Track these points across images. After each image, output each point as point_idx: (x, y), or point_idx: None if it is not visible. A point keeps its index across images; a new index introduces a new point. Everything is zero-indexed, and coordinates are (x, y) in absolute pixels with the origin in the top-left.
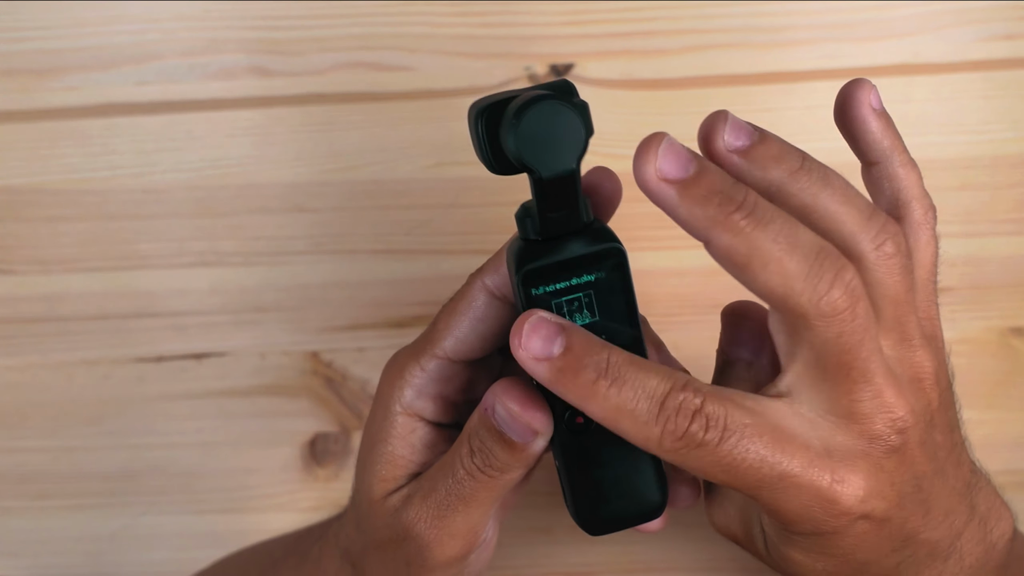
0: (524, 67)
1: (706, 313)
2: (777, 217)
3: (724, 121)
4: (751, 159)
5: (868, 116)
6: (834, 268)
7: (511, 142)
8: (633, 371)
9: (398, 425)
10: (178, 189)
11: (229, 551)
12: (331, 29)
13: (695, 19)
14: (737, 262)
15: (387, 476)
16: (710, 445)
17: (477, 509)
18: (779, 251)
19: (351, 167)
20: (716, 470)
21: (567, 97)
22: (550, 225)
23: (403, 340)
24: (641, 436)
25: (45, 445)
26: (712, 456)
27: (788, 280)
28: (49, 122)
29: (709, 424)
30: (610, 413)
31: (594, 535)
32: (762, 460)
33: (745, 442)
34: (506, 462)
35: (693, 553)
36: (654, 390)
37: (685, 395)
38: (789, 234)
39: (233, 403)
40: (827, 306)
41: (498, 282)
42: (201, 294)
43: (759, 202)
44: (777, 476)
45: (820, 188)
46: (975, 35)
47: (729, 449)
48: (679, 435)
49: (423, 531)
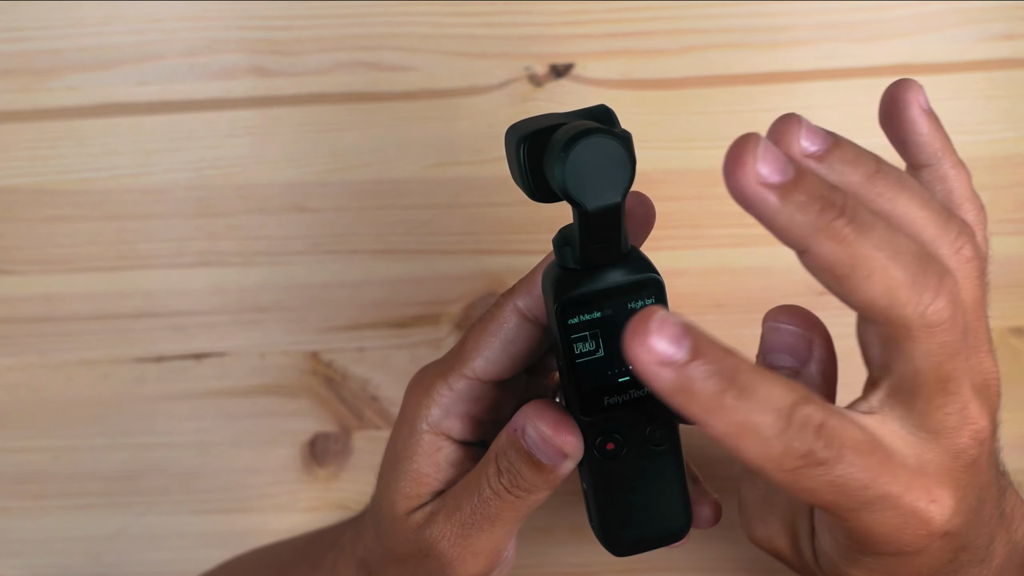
0: (524, 67)
1: (706, 313)
2: (878, 222)
3: (799, 124)
4: (828, 164)
5: (918, 118)
6: (937, 275)
7: (558, 175)
8: (759, 379)
9: (424, 443)
10: (178, 189)
11: (229, 551)
12: (331, 29)
13: (695, 19)
14: (839, 272)
15: (411, 493)
16: (827, 464)
17: (501, 528)
18: (883, 259)
19: (351, 167)
20: (826, 490)
21: (609, 125)
22: (591, 255)
23: (403, 340)
24: (761, 455)
25: (45, 445)
26: (826, 476)
27: (893, 290)
28: (49, 122)
29: (830, 441)
30: (733, 429)
31: (619, 556)
32: (872, 480)
33: (860, 461)
34: (533, 483)
35: (693, 553)
36: (780, 401)
37: (810, 409)
38: (891, 240)
39: (233, 403)
40: (933, 315)
41: (530, 304)
42: (201, 294)
43: (859, 207)
44: (880, 497)
45: (898, 192)
46: (975, 35)
47: (843, 469)
48: (801, 453)
49: (446, 549)
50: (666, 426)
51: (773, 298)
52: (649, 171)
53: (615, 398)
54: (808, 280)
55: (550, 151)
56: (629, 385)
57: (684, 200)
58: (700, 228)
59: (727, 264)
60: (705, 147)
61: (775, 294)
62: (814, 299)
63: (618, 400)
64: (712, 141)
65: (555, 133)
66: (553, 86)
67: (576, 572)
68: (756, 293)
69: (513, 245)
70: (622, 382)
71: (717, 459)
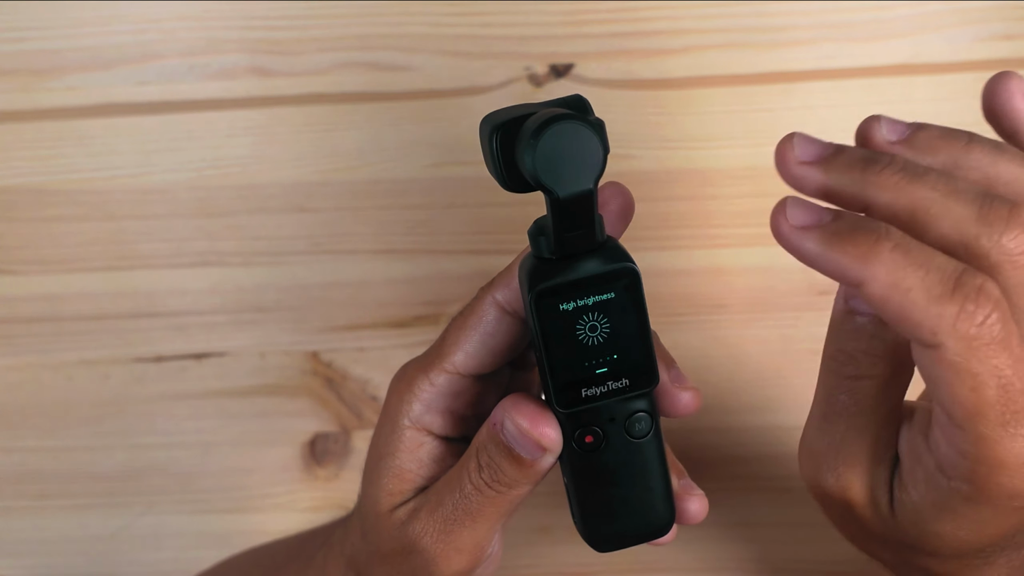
0: (524, 67)
1: (707, 313)
2: (931, 169)
3: (879, 120)
4: (915, 146)
5: (1023, 106)
6: (1006, 206)
7: (528, 162)
8: (917, 245)
9: (406, 439)
10: (178, 189)
11: (229, 551)
12: (331, 29)
13: (695, 19)
14: (902, 217)
15: (394, 490)
16: (1005, 344)
17: (484, 524)
18: (943, 197)
19: (351, 167)
20: (991, 380)
21: (582, 114)
22: (565, 244)
23: (403, 340)
24: (932, 314)
25: (45, 445)
26: (999, 359)
27: (960, 224)
28: (49, 122)
29: (1006, 321)
30: (896, 279)
31: (601, 552)
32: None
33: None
34: (514, 478)
35: (693, 553)
36: (945, 263)
37: (984, 280)
38: (948, 181)
39: (233, 403)
40: (1014, 242)
41: (509, 297)
42: (201, 294)
43: (907, 159)
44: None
45: (997, 156)
46: (975, 35)
47: (1019, 357)
48: (979, 321)
49: (429, 545)
50: (647, 418)
51: (773, 298)
52: (649, 171)
53: (593, 389)
54: (808, 280)
55: (520, 138)
56: (608, 376)
57: (684, 200)
58: (700, 228)
59: (727, 264)
60: (705, 147)
61: (775, 294)
62: (814, 299)
63: (596, 391)
64: (712, 141)
65: (526, 121)
66: (553, 86)
67: (575, 572)
68: (756, 293)
69: (513, 245)
70: (600, 373)
71: (706, 455)
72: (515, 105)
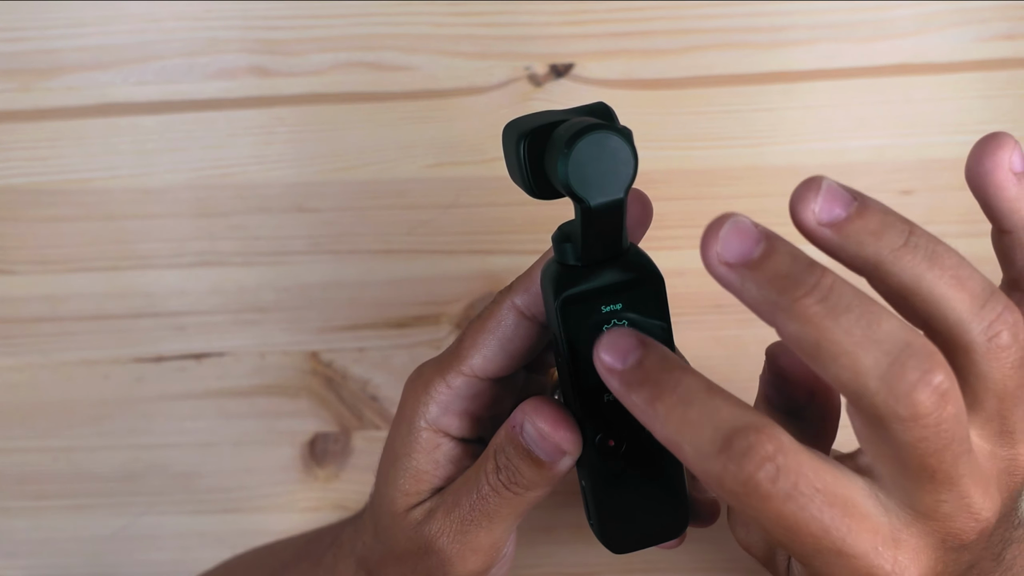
0: (524, 67)
1: (706, 313)
2: (856, 305)
3: (816, 190)
4: (844, 235)
5: (1006, 181)
6: (919, 368)
7: (561, 171)
8: (705, 396)
9: (422, 440)
10: (178, 189)
11: (229, 551)
12: (331, 29)
13: (695, 19)
14: (805, 352)
15: (410, 490)
16: (775, 499)
17: (500, 525)
18: (852, 344)
19: (351, 167)
20: (775, 526)
21: (609, 122)
22: (592, 252)
23: (403, 340)
24: (698, 469)
25: (45, 445)
26: (775, 511)
27: (860, 377)
28: (49, 122)
29: (780, 476)
30: (671, 434)
31: (617, 553)
32: (825, 531)
33: (813, 507)
34: (532, 480)
35: (693, 553)
36: (723, 422)
37: (758, 438)
38: (868, 325)
39: (233, 403)
40: (906, 410)
41: (528, 302)
42: (201, 294)
43: (836, 286)
44: (836, 551)
45: (926, 268)
46: (975, 35)
47: (794, 510)
48: (743, 479)
49: (445, 545)
50: None
51: None
52: (649, 171)
53: (614, 395)
54: None
55: (552, 147)
56: None
57: (684, 200)
58: (700, 228)
59: None
60: (705, 147)
61: None
62: None
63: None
64: (712, 141)
65: (557, 129)
66: (553, 86)
67: (576, 572)
68: None
69: (513, 245)
70: None
71: None
72: (538, 112)
